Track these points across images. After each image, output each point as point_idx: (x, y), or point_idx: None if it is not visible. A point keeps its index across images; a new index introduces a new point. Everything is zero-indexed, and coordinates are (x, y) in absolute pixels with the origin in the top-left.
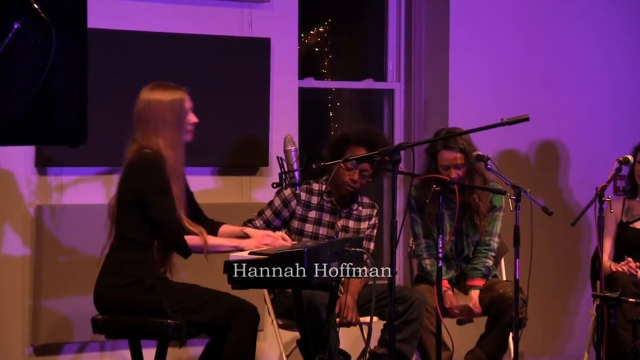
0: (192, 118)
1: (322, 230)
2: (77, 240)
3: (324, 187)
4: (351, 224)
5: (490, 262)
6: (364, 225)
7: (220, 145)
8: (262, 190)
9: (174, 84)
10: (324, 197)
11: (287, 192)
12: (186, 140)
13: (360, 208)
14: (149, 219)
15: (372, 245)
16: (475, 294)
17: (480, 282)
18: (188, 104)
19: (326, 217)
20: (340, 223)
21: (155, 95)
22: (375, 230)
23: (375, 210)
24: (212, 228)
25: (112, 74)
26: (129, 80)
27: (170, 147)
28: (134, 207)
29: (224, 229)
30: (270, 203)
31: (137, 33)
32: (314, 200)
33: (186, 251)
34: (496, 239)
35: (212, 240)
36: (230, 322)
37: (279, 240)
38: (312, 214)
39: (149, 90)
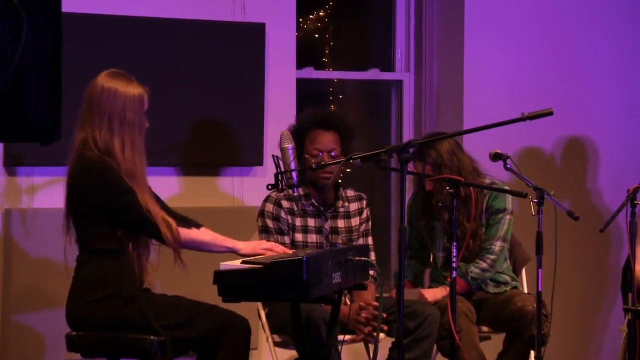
0: (146, 122)
1: (311, 238)
2: (50, 248)
3: (301, 190)
4: (340, 223)
5: (483, 265)
6: (355, 221)
7: (209, 142)
8: (256, 193)
9: (135, 78)
10: (302, 200)
11: (269, 206)
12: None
13: (347, 204)
14: (123, 224)
15: (370, 240)
16: (434, 288)
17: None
18: (146, 105)
19: (311, 222)
20: (327, 225)
21: (115, 84)
22: (369, 223)
23: (365, 202)
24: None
25: (90, 63)
26: (108, 69)
27: (129, 150)
28: (98, 216)
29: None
30: (265, 227)
31: (115, 17)
32: (295, 206)
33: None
34: (498, 243)
35: (199, 234)
36: (220, 337)
37: (277, 247)
38: (298, 222)
39: (109, 76)
